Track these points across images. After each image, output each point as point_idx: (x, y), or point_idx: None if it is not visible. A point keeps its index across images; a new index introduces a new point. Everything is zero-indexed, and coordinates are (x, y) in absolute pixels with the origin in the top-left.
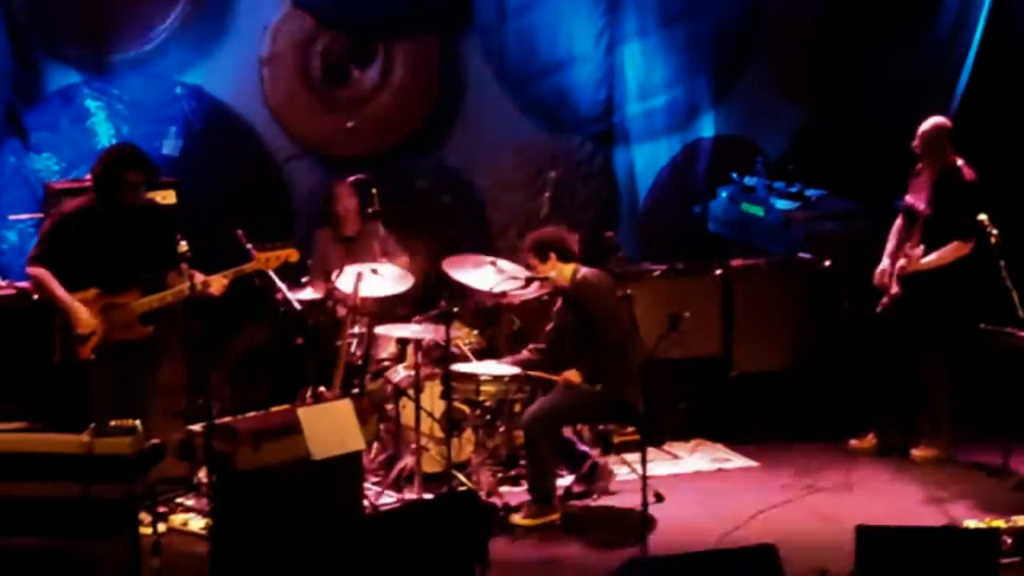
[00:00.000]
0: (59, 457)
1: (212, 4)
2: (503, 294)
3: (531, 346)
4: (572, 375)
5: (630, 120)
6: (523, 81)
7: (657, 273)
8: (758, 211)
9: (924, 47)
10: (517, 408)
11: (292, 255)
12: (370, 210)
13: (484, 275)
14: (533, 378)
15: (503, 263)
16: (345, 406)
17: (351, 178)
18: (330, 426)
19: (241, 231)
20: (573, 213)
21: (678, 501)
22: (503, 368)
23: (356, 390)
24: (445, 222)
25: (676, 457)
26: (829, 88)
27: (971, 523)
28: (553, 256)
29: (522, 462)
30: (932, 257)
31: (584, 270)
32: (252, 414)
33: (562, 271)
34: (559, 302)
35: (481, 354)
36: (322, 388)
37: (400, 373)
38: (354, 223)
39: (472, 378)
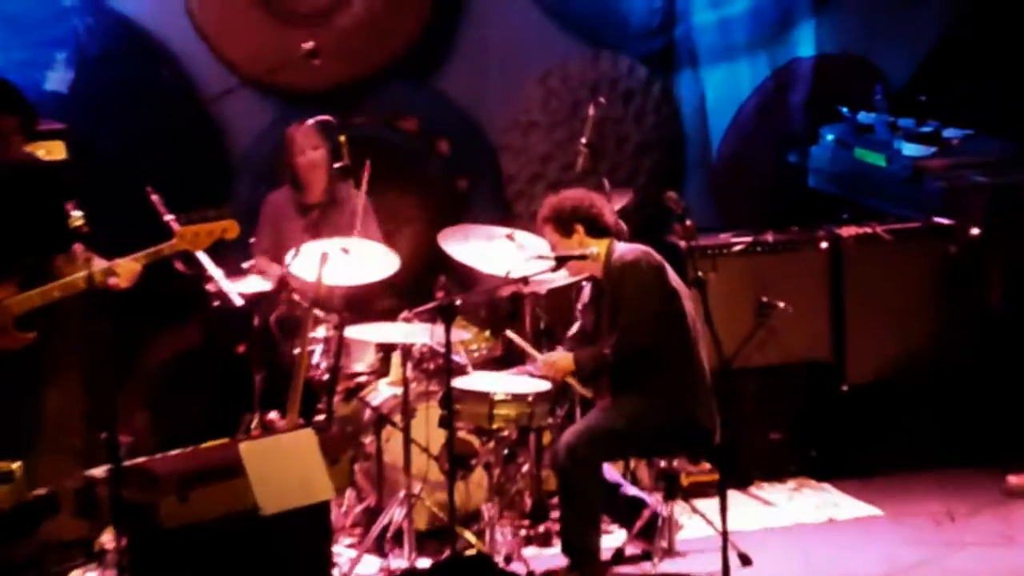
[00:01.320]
0: None
1: None
2: (525, 280)
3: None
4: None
5: (698, 34)
6: None
7: (739, 247)
8: (877, 159)
9: None
10: (547, 439)
11: (230, 230)
12: (338, 165)
13: (498, 254)
14: (569, 395)
15: (524, 236)
16: (306, 440)
17: (313, 120)
18: (285, 468)
19: (157, 196)
20: (620, 165)
21: (772, 565)
22: (526, 383)
23: (321, 417)
24: (445, 181)
25: (769, 504)
26: None
27: None
28: (579, 229)
29: (554, 513)
30: None
31: (623, 248)
32: (177, 452)
33: (592, 250)
34: (584, 293)
35: (495, 364)
36: (273, 414)
37: (382, 393)
38: (318, 184)
39: (483, 398)
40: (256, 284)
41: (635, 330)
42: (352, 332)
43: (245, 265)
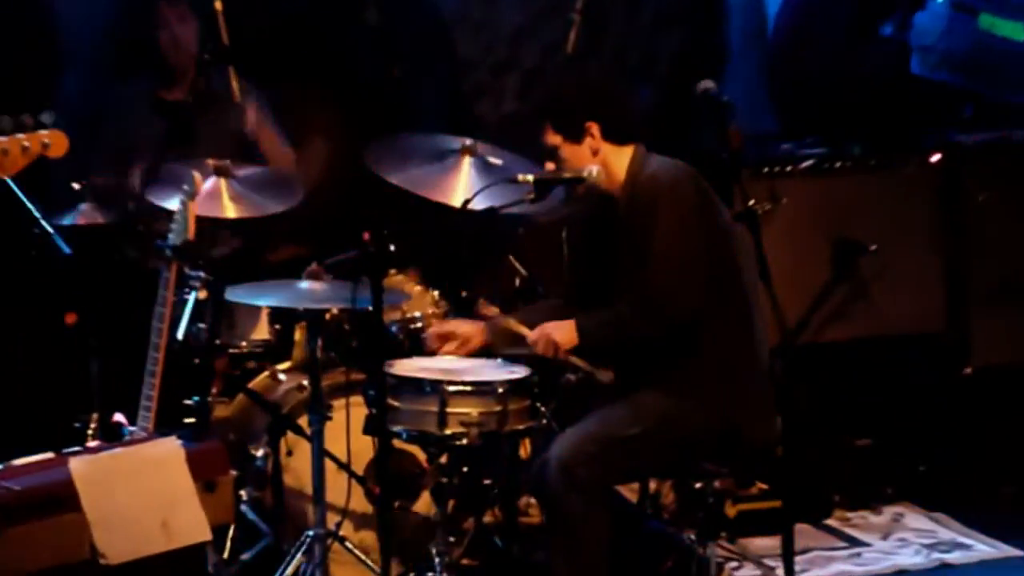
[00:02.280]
0: None
1: None
2: (491, 214)
3: (541, 303)
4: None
5: None
6: None
7: (808, 164)
8: (1016, 31)
9: None
10: (526, 451)
11: (54, 144)
12: (206, 55)
13: (452, 177)
14: (561, 384)
15: (490, 150)
16: (169, 454)
17: None
18: (138, 496)
19: None
20: (631, 44)
21: None
22: (493, 368)
23: (191, 420)
24: (371, 68)
25: (856, 543)
26: None
27: None
28: (595, 130)
29: (538, 555)
30: None
31: (656, 162)
32: None
33: (611, 159)
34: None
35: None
36: (119, 416)
37: (281, 383)
38: (187, 73)
39: (431, 391)
40: (91, 217)
41: (676, 286)
42: (235, 294)
43: (76, 186)
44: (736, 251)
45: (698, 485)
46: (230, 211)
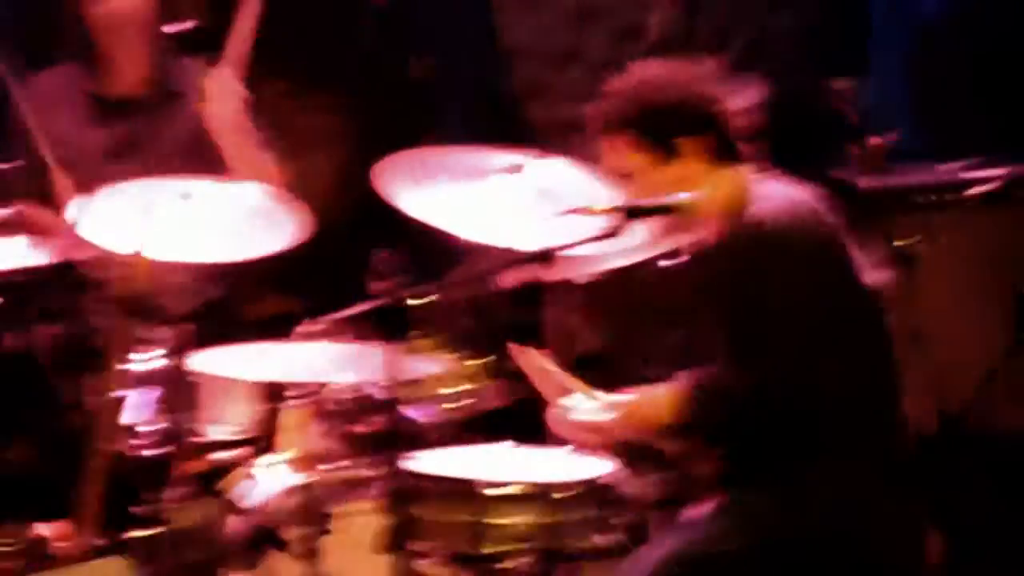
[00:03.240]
0: None
1: None
2: (546, 257)
3: None
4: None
5: None
6: None
7: (979, 191)
8: None
9: None
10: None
11: None
12: (173, 29)
13: (494, 204)
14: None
15: (545, 167)
16: (116, 572)
17: None
18: None
19: None
20: (739, 27)
21: None
22: (551, 464)
23: (141, 533)
24: (388, 61)
25: None
26: None
27: None
28: (691, 148)
29: None
30: None
31: (766, 196)
32: None
33: (709, 187)
34: (682, 270)
35: (489, 427)
36: (42, 528)
37: (265, 483)
38: (135, 61)
39: (467, 495)
40: (16, 255)
41: (786, 359)
42: (204, 363)
43: None
44: (876, 315)
45: None
46: (197, 252)
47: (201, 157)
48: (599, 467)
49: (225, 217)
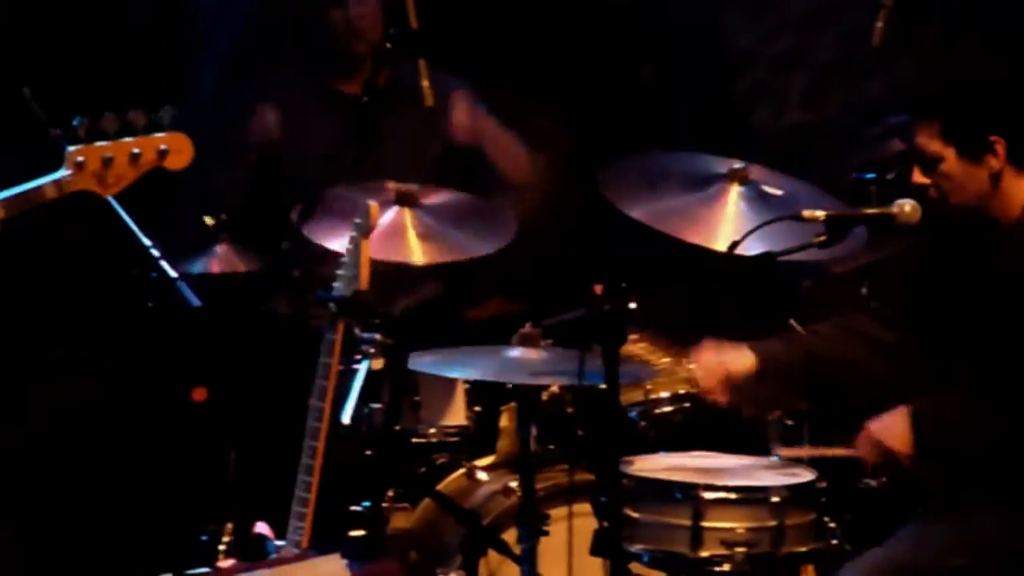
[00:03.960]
0: None
1: None
2: (769, 261)
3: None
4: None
5: None
6: None
7: None
8: None
9: None
10: None
11: (175, 151)
12: (388, 43)
13: (715, 211)
14: (855, 497)
15: (769, 176)
16: (333, 572)
17: None
18: None
19: (27, 89)
20: (962, 36)
21: None
22: (768, 470)
23: (360, 532)
24: (609, 64)
25: None
26: None
27: None
28: (1001, 148)
29: None
30: None
31: None
32: None
33: (1010, 187)
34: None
35: (707, 430)
36: (263, 527)
37: (481, 485)
38: (371, 62)
39: (683, 499)
40: (229, 262)
41: None
42: (422, 363)
43: (209, 221)
44: None
45: None
46: (417, 253)
47: (428, 158)
48: (808, 474)
49: (444, 219)
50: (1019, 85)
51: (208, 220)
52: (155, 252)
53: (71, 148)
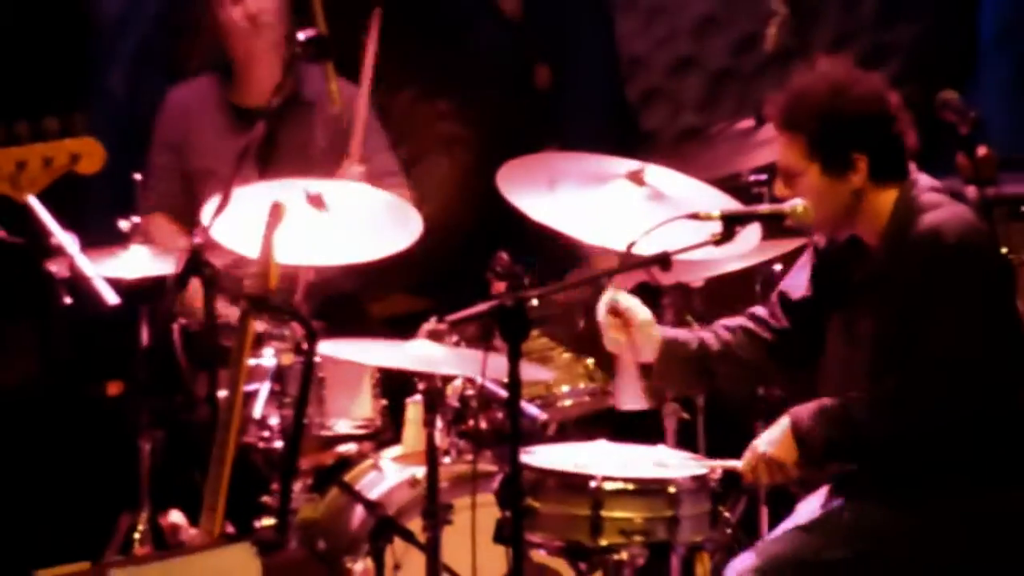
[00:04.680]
0: None
1: None
2: (663, 261)
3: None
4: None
5: None
6: None
7: None
8: None
9: None
10: (703, 568)
11: (87, 155)
12: (303, 37)
13: (613, 210)
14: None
15: (662, 175)
16: (241, 565)
17: None
18: None
19: None
20: (850, 40)
21: None
22: (665, 459)
23: (268, 521)
24: (510, 67)
25: None
26: None
27: None
28: (862, 164)
29: None
30: None
31: (933, 204)
32: None
33: (872, 201)
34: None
35: (608, 425)
36: (176, 514)
37: (388, 475)
38: (267, 69)
39: (581, 489)
40: (143, 263)
41: (958, 379)
42: (331, 354)
43: (124, 225)
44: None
45: None
46: (325, 253)
47: (330, 161)
48: (711, 463)
49: (351, 218)
50: (883, 104)
51: (122, 224)
52: (74, 249)
53: None
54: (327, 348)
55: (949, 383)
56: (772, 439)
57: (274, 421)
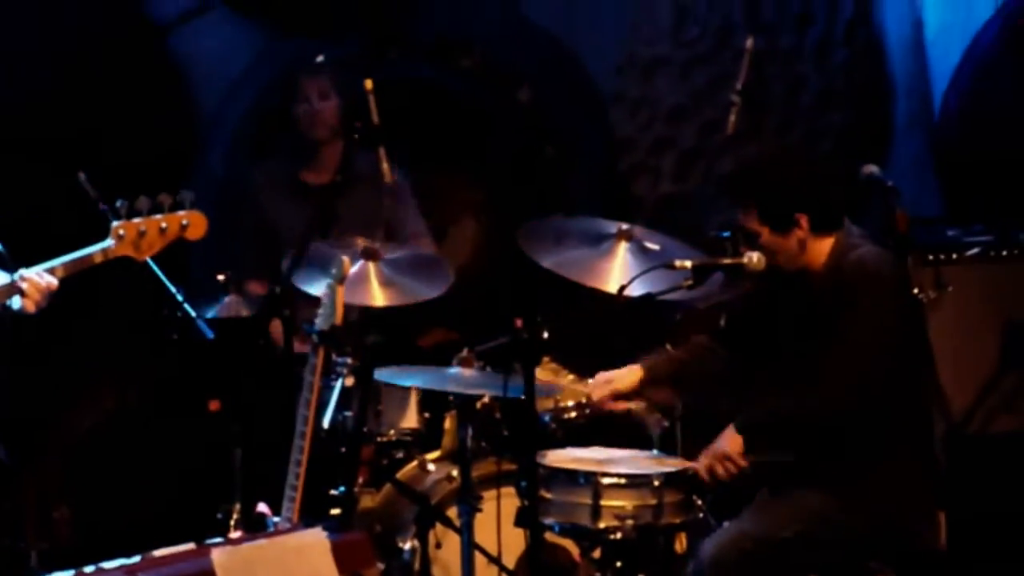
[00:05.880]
0: None
1: None
2: (649, 300)
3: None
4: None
5: None
6: None
7: (976, 251)
8: None
9: None
10: (682, 546)
11: (193, 225)
12: (359, 125)
13: (607, 261)
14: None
15: (647, 234)
16: (314, 546)
17: (321, 56)
18: None
19: (84, 176)
20: (793, 124)
21: None
22: (651, 459)
23: (336, 511)
24: (523, 148)
25: None
26: None
27: None
28: (804, 222)
29: None
30: None
31: (861, 244)
32: (117, 565)
33: (814, 248)
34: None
35: (605, 431)
36: (263, 506)
37: (430, 473)
38: (329, 152)
39: (585, 483)
40: (235, 308)
41: (860, 378)
42: (383, 375)
43: (220, 278)
44: (924, 348)
45: None
46: (379, 297)
47: (380, 226)
48: (684, 462)
49: (401, 269)
50: (816, 172)
51: (220, 277)
52: (180, 297)
53: (115, 223)
54: (381, 373)
55: (861, 371)
56: (723, 437)
57: (340, 431)
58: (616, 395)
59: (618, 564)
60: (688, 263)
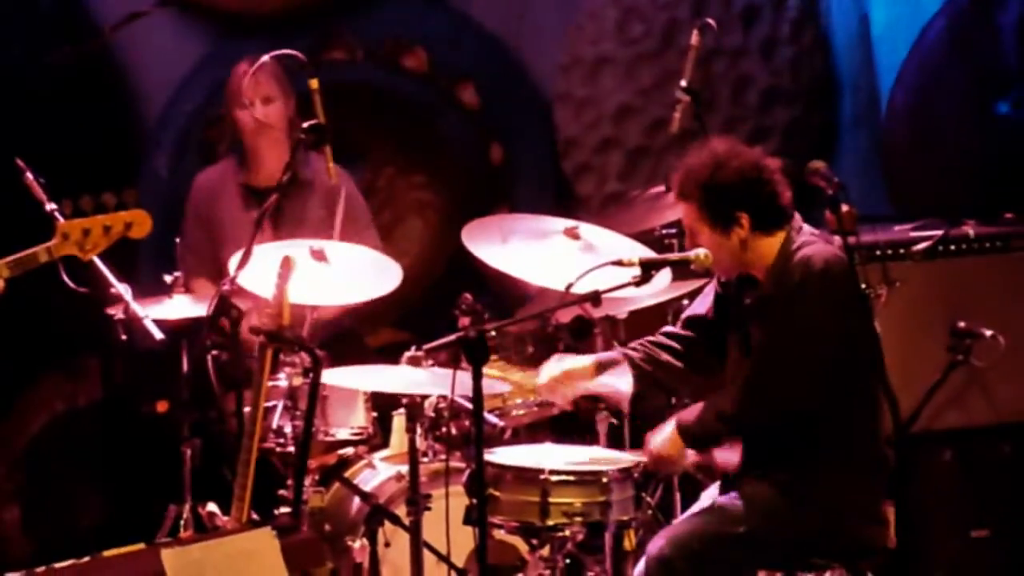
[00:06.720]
0: None
1: None
2: (594, 298)
3: (644, 344)
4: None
5: None
6: None
7: (923, 247)
8: None
9: None
10: (631, 543)
11: (137, 224)
12: (306, 126)
13: (553, 259)
14: (664, 478)
15: (593, 232)
16: (263, 545)
17: (267, 57)
18: None
19: (31, 176)
20: (739, 122)
21: None
22: (598, 456)
23: (285, 510)
24: (470, 148)
25: None
26: None
27: None
28: (744, 220)
29: None
30: None
31: (810, 241)
32: (66, 565)
33: (759, 247)
34: (710, 287)
35: (551, 429)
36: (212, 506)
37: (379, 472)
38: (275, 156)
39: (533, 480)
40: (183, 308)
41: (802, 382)
42: (332, 379)
43: (168, 278)
44: (874, 346)
45: None
46: (327, 296)
47: (325, 229)
48: (633, 458)
49: (344, 268)
50: (758, 171)
51: (166, 278)
52: (128, 297)
53: (60, 222)
54: (331, 376)
55: (803, 374)
56: (660, 438)
57: (288, 430)
58: (569, 376)
59: (567, 561)
60: (635, 259)
